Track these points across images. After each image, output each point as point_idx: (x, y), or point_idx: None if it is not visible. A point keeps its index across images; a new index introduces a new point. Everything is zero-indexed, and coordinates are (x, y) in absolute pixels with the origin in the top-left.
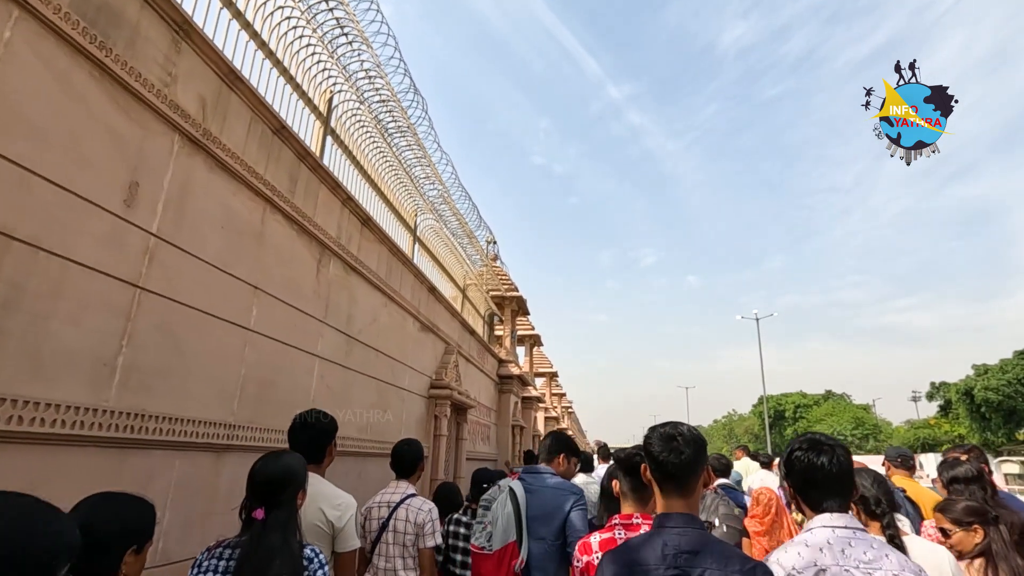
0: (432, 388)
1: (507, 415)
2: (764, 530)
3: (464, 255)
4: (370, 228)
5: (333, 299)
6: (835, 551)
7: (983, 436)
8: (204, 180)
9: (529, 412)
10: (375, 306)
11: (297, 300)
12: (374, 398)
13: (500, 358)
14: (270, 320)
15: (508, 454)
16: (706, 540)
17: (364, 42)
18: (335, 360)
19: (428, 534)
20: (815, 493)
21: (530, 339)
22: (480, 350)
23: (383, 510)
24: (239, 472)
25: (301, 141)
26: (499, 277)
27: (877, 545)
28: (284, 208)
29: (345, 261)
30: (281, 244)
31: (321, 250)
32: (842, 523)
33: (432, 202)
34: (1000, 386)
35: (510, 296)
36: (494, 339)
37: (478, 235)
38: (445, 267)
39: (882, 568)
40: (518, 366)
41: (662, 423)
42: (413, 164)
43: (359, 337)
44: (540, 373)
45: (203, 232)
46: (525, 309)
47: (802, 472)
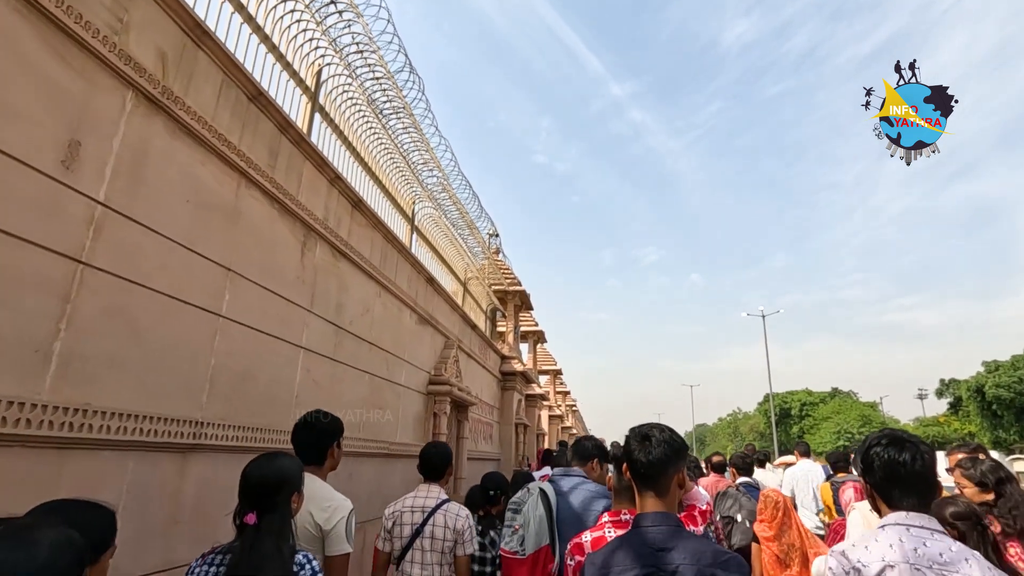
0: (431, 384)
1: (510, 413)
2: (773, 534)
3: (465, 247)
4: (362, 212)
5: (320, 286)
6: (906, 549)
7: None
8: (165, 145)
9: (533, 410)
10: (368, 296)
11: (278, 286)
12: (366, 394)
13: (503, 354)
14: (247, 306)
15: (511, 453)
16: (679, 536)
17: (355, 13)
18: (322, 352)
19: (467, 541)
20: (895, 491)
21: (534, 335)
22: (482, 345)
23: (416, 515)
24: (209, 474)
25: (282, 111)
26: (502, 271)
27: (957, 548)
28: (262, 184)
29: (333, 246)
30: (259, 223)
31: (306, 232)
32: (919, 522)
33: (431, 190)
34: (1012, 383)
35: (513, 290)
36: (496, 335)
37: (479, 227)
38: (445, 259)
39: (960, 571)
40: (521, 362)
41: (641, 424)
42: (410, 149)
43: (350, 328)
44: (544, 371)
45: (164, 204)
46: (528, 304)
47: (882, 468)
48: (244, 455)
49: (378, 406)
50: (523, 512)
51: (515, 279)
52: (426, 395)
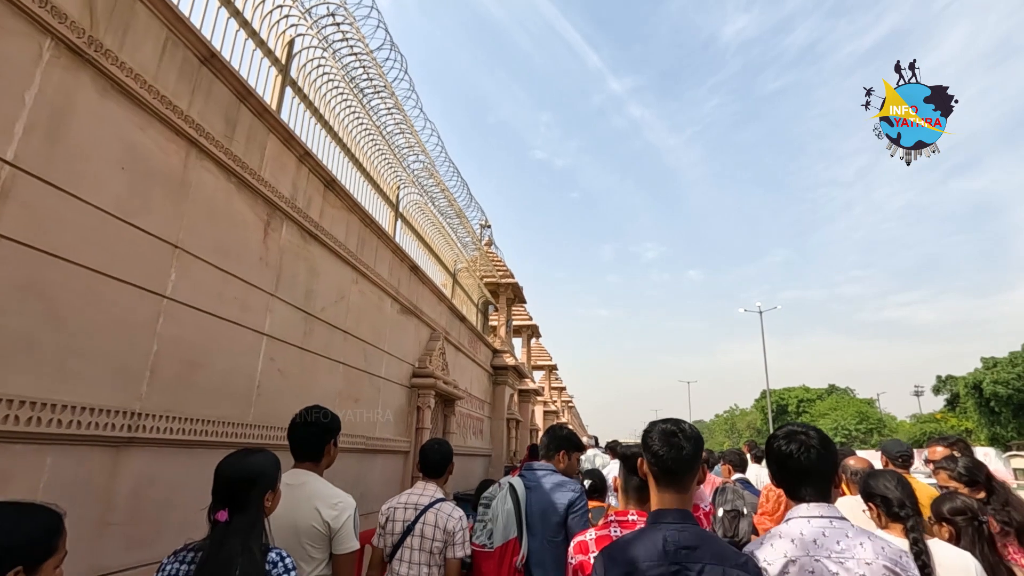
0: (415, 377)
1: (502, 408)
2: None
3: (455, 237)
4: (336, 192)
5: (287, 270)
6: (807, 542)
7: (992, 430)
8: (94, 104)
9: (526, 405)
10: (343, 282)
11: (236, 267)
12: (342, 386)
13: (494, 348)
14: (198, 288)
15: (503, 449)
16: (703, 536)
17: None
18: (289, 340)
19: (458, 543)
20: (792, 483)
21: (527, 329)
22: (472, 338)
23: (408, 512)
24: (149, 471)
25: (240, 77)
26: (494, 263)
27: (852, 534)
28: (217, 155)
29: (302, 227)
30: (213, 197)
31: (270, 211)
32: (817, 512)
33: (416, 176)
34: (1010, 379)
35: (505, 283)
36: (488, 329)
37: (470, 216)
38: (433, 248)
39: (855, 556)
40: (514, 356)
41: (663, 419)
42: (393, 132)
43: (321, 316)
44: (539, 366)
45: (93, 170)
46: (521, 297)
47: (777, 462)
48: (194, 450)
49: (355, 399)
50: (492, 506)
51: (507, 271)
52: (409, 388)
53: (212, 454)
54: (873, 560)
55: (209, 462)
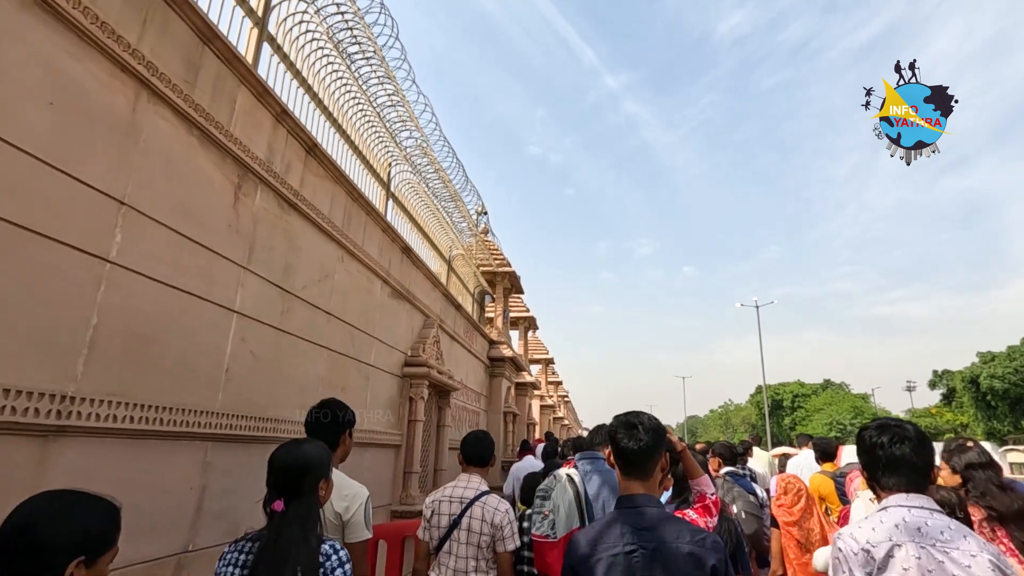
0: (407, 366)
1: (499, 401)
2: (795, 519)
3: (450, 222)
4: (319, 160)
5: (262, 240)
6: (911, 529)
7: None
8: (8, 15)
9: (523, 399)
10: (327, 259)
11: (199, 232)
12: (325, 372)
13: (491, 339)
14: (150, 253)
15: (500, 443)
16: (662, 517)
17: None
18: (264, 320)
19: (508, 536)
20: (883, 473)
21: (525, 321)
22: (468, 328)
23: (454, 505)
24: (86, 465)
25: (202, 14)
26: (491, 251)
27: (956, 526)
28: (175, 102)
29: (280, 194)
30: (170, 150)
31: (241, 173)
32: (918, 503)
33: (409, 153)
34: (1007, 374)
35: (502, 272)
36: (485, 320)
37: (466, 201)
38: (427, 232)
39: (960, 548)
40: (511, 348)
41: (625, 412)
42: (384, 104)
43: (301, 294)
44: (535, 360)
45: (9, 101)
46: (519, 287)
47: (869, 452)
48: (146, 441)
49: (341, 387)
50: (552, 498)
51: (504, 260)
52: (401, 378)
53: (170, 447)
54: (978, 553)
55: (166, 456)
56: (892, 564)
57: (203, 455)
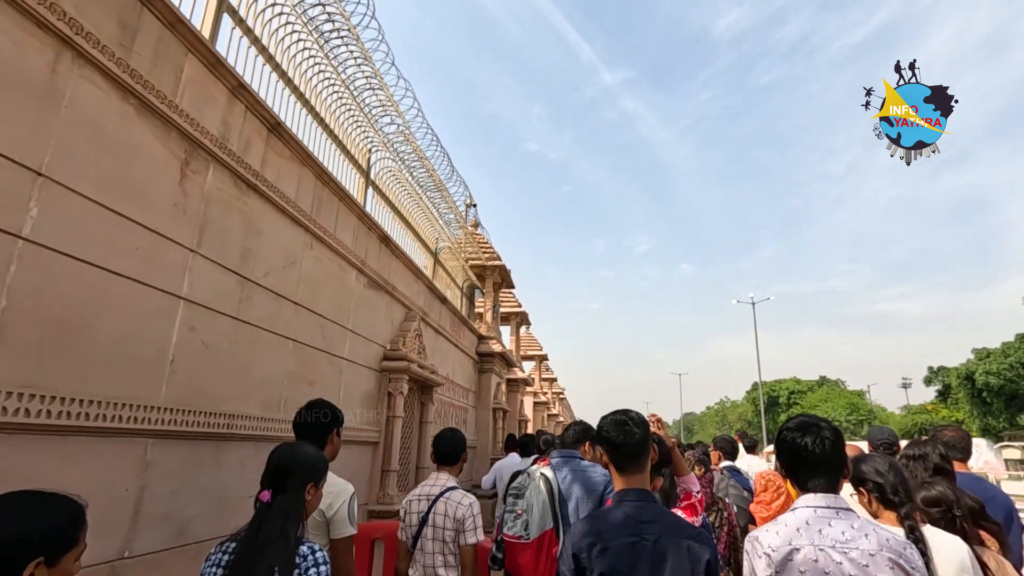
0: (386, 360)
1: (488, 397)
2: (771, 515)
3: (436, 213)
4: (283, 140)
5: (215, 223)
6: (812, 531)
7: (984, 421)
8: None
9: (515, 395)
10: (293, 245)
11: (137, 211)
12: (292, 366)
13: (480, 334)
14: (74, 230)
15: (489, 440)
16: (660, 512)
17: None
18: (218, 308)
19: (469, 530)
20: (801, 473)
21: (516, 317)
22: (455, 322)
23: (422, 503)
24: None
25: None
26: (480, 245)
27: (859, 525)
28: (105, 65)
29: (237, 174)
30: (101, 119)
31: (190, 148)
32: (824, 503)
33: (390, 140)
34: (1002, 370)
35: (492, 265)
36: (475, 315)
37: (453, 193)
38: (411, 223)
39: (859, 548)
40: (501, 343)
41: (612, 411)
42: (362, 88)
43: (263, 282)
44: (528, 356)
45: None
46: (509, 281)
47: (788, 452)
48: (69, 437)
49: (309, 381)
50: (525, 497)
51: (494, 253)
52: (379, 372)
53: (99, 444)
54: (877, 551)
55: (94, 455)
56: (790, 567)
57: (142, 453)
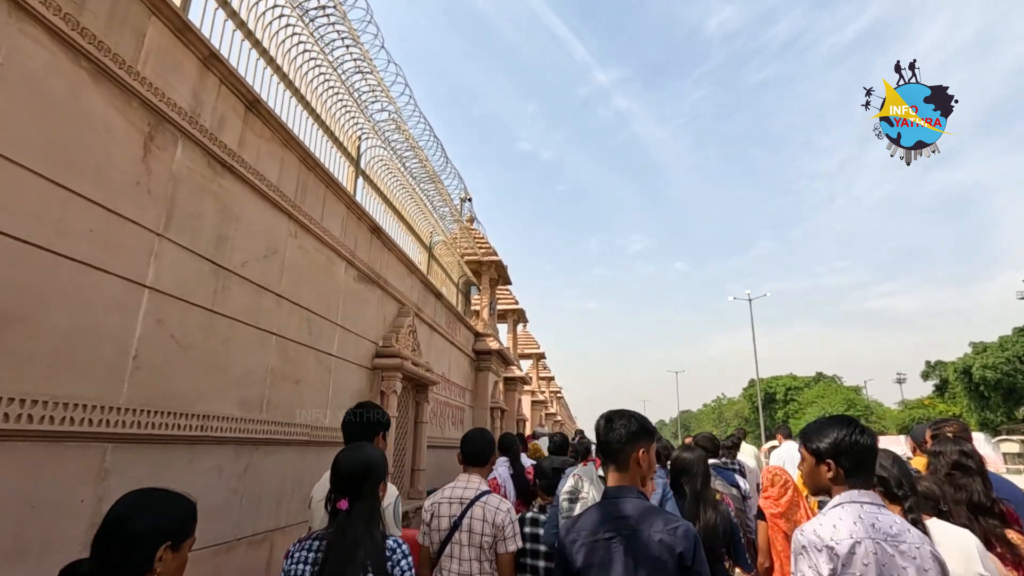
0: (378, 357)
1: (485, 396)
2: (782, 511)
3: (430, 206)
4: (263, 118)
5: (185, 205)
6: (867, 524)
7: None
8: None
9: (513, 394)
10: (275, 233)
11: (92, 188)
12: (274, 362)
13: (476, 331)
14: (12, 205)
15: None
16: (640, 506)
17: None
18: (190, 299)
19: (509, 537)
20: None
21: (514, 314)
22: (450, 319)
23: (455, 507)
24: None
25: None
26: (476, 240)
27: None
28: (48, 19)
29: (211, 153)
30: (46, 81)
31: (154, 121)
32: (868, 499)
33: (381, 128)
34: (999, 364)
35: (488, 261)
36: (471, 313)
37: (447, 185)
38: (404, 215)
39: (907, 541)
40: (498, 341)
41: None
42: (351, 71)
43: (241, 272)
44: (526, 354)
45: None
46: (506, 277)
47: (853, 452)
48: (5, 443)
49: (295, 380)
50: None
51: (491, 248)
52: (371, 370)
53: (46, 450)
54: (921, 544)
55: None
56: (854, 560)
57: (100, 459)
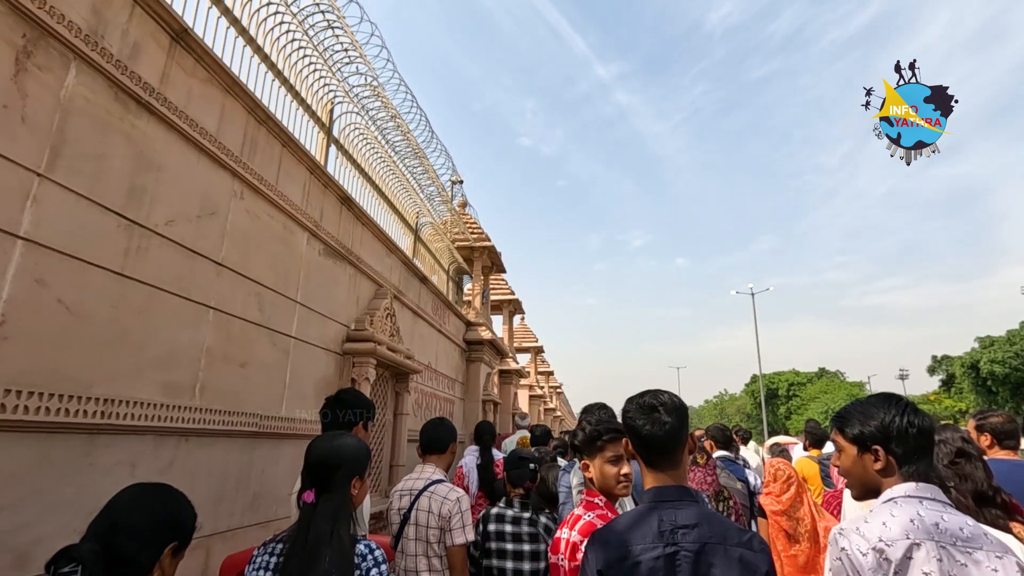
0: (349, 341)
1: (477, 388)
2: (783, 509)
3: (416, 184)
4: (195, 55)
5: (80, 143)
6: (927, 524)
7: None
8: None
9: (508, 387)
10: (214, 191)
11: None
12: (213, 341)
13: (467, 320)
14: None
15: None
16: (703, 514)
17: None
18: (87, 258)
19: (456, 528)
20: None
21: (509, 305)
22: (438, 305)
23: (404, 499)
24: None
25: None
26: (467, 224)
27: (972, 523)
28: None
29: (119, 84)
30: None
31: (32, 34)
32: (929, 494)
33: (356, 94)
34: (1007, 358)
35: (480, 246)
36: (463, 303)
37: (435, 163)
38: (385, 192)
39: (982, 548)
40: (491, 331)
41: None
42: (320, 27)
43: (165, 232)
44: (523, 348)
45: None
46: (500, 265)
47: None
48: None
49: (241, 362)
50: None
51: (483, 234)
52: (341, 355)
53: None
54: (1004, 555)
55: None
56: (911, 566)
57: None
